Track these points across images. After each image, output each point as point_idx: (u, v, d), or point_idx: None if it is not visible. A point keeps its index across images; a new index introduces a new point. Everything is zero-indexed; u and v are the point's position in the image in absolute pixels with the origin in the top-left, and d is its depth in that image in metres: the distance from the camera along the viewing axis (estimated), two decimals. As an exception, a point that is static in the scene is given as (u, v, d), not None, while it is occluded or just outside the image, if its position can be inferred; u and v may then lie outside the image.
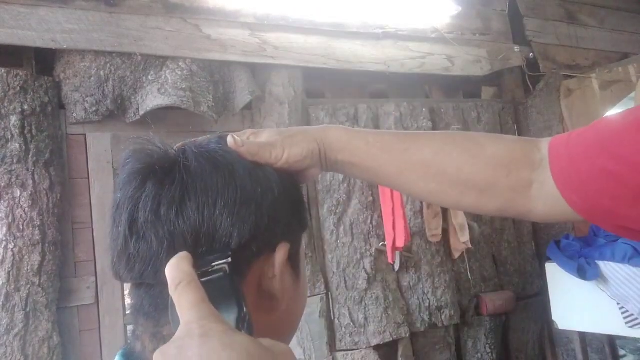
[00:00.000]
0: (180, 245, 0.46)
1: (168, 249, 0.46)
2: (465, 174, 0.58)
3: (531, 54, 2.89)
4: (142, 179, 0.48)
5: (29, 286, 1.57)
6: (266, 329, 0.47)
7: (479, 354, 2.47)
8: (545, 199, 0.56)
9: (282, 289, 0.50)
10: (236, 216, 0.47)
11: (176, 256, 0.43)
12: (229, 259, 0.45)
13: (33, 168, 1.63)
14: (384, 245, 2.22)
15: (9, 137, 1.61)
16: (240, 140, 0.53)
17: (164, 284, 0.46)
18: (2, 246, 1.56)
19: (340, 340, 2.15)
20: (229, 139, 0.53)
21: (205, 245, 0.46)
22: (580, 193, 0.53)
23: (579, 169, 0.53)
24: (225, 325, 0.37)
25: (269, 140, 0.55)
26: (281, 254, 0.50)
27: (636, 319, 2.07)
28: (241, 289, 0.44)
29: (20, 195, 1.60)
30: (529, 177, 0.57)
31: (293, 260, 0.53)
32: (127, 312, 1.78)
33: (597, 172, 0.51)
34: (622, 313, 2.11)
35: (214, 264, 0.45)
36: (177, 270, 0.41)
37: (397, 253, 2.24)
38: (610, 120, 0.55)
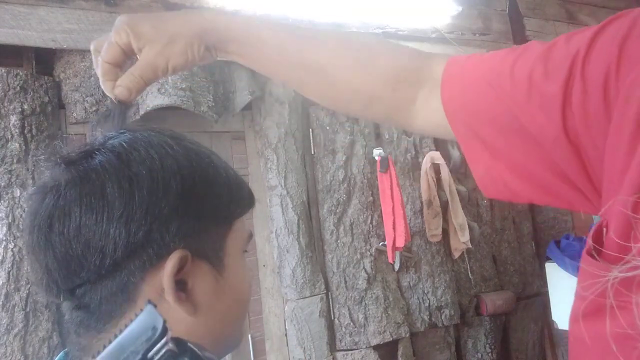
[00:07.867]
0: (55, 269, 0.45)
1: (50, 269, 0.45)
2: (354, 84, 0.59)
3: (531, 54, 2.89)
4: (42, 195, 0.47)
5: (29, 286, 1.57)
6: (198, 328, 0.48)
7: (479, 354, 2.47)
8: (427, 115, 0.57)
9: (198, 295, 0.48)
10: (107, 227, 0.43)
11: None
12: None
13: (33, 168, 1.63)
14: (384, 245, 2.22)
15: (9, 137, 1.61)
16: (122, 88, 0.55)
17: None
18: (2, 246, 1.56)
19: (340, 340, 2.15)
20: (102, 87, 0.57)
21: (76, 264, 0.44)
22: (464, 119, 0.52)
23: (467, 98, 0.52)
24: None
25: (147, 59, 0.55)
26: (170, 265, 0.45)
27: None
28: None
29: (20, 195, 1.60)
30: (414, 95, 0.57)
31: (212, 259, 0.49)
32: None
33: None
34: (622, 313, 2.11)
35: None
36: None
37: (397, 253, 2.24)
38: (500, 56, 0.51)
